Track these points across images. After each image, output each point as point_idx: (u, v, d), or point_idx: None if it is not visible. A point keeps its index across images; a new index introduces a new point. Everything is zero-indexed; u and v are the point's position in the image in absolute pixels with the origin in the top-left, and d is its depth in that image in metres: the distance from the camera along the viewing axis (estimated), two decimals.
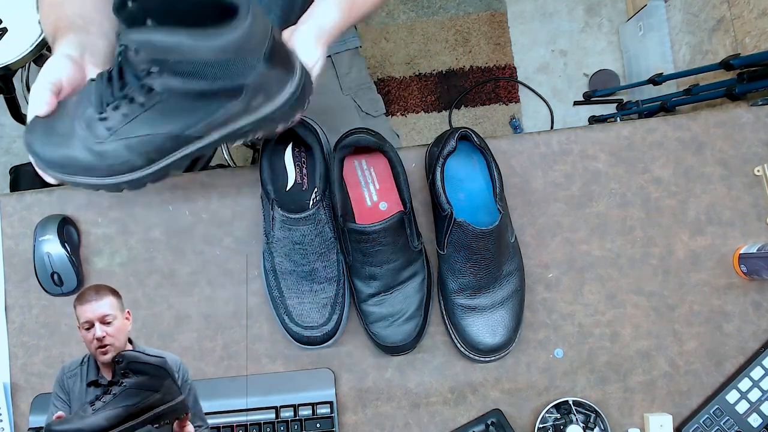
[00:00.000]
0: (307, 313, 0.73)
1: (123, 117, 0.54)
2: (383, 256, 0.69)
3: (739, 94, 1.27)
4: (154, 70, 0.50)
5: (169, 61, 0.50)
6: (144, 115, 0.54)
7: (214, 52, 0.50)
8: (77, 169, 0.56)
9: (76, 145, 0.55)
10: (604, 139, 0.80)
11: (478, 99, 1.84)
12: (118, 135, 0.54)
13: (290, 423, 0.74)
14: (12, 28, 1.26)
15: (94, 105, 0.54)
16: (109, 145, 0.55)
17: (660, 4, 1.67)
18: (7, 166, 1.77)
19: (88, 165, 0.55)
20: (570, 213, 0.79)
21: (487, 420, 0.74)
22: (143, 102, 0.53)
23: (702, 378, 0.75)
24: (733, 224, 0.78)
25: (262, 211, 0.74)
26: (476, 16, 1.87)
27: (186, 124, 0.54)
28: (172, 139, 0.55)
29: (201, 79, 0.51)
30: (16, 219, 0.81)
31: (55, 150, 0.56)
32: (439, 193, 0.69)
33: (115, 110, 0.54)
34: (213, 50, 0.50)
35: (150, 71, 0.51)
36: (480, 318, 0.72)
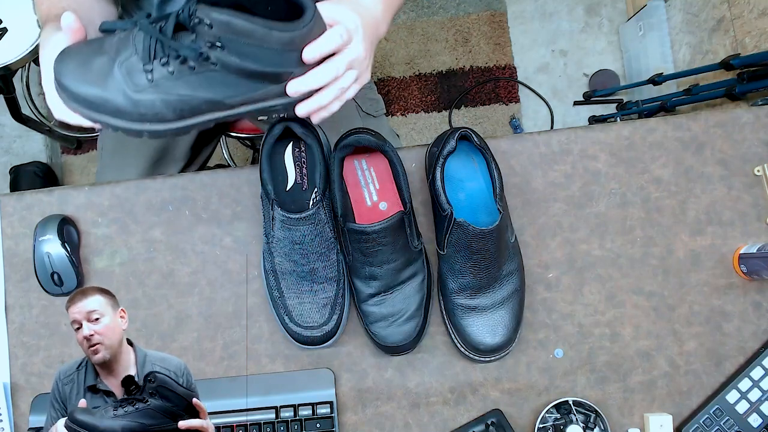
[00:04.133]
0: (307, 313, 0.73)
1: (169, 74, 0.56)
2: (383, 256, 0.69)
3: (739, 94, 1.27)
4: (218, 44, 0.54)
5: (238, 41, 0.54)
6: (191, 77, 0.56)
7: (280, 43, 0.55)
8: (106, 110, 0.57)
9: (111, 87, 0.56)
10: (604, 139, 0.80)
11: (478, 99, 1.84)
12: (159, 89, 0.56)
13: (290, 423, 0.74)
14: (12, 28, 1.26)
15: (140, 54, 0.56)
16: (147, 95, 0.56)
17: (660, 4, 1.67)
18: (7, 166, 1.77)
19: (119, 108, 0.57)
20: (570, 213, 0.79)
21: (487, 420, 0.74)
22: (194, 66, 0.55)
23: (702, 378, 0.75)
24: (733, 224, 0.78)
25: (262, 211, 0.74)
26: (476, 16, 1.87)
27: (226, 95, 0.57)
28: (209, 103, 0.57)
29: (257, 62, 0.55)
30: (16, 219, 0.81)
31: (89, 88, 0.56)
32: (439, 193, 0.69)
33: (163, 66, 0.55)
34: (280, 41, 0.55)
35: (215, 44, 0.54)
36: (480, 318, 0.72)
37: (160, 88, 0.56)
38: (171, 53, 0.55)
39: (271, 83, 0.58)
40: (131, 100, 0.56)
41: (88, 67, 0.56)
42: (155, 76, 0.56)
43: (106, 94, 0.56)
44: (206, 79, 0.56)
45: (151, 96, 0.56)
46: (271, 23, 0.54)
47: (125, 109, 0.56)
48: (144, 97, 0.56)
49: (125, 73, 0.56)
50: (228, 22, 0.53)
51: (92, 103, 0.56)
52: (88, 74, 0.56)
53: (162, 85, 0.56)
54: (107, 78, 0.56)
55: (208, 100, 0.57)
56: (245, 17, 0.53)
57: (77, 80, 0.56)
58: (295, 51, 0.56)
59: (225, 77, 0.56)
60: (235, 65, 0.55)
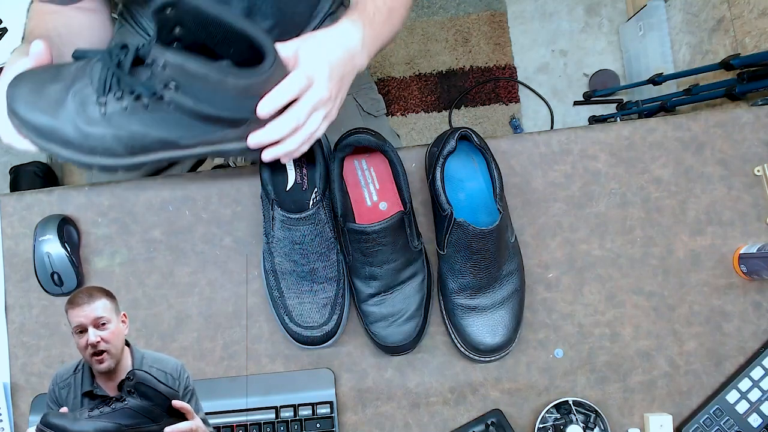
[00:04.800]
0: (307, 313, 0.73)
1: (122, 109, 0.54)
2: (383, 256, 0.69)
3: (739, 94, 1.27)
4: (172, 86, 0.52)
5: (192, 84, 0.52)
6: (144, 114, 0.54)
7: (236, 90, 0.53)
8: (56, 140, 0.55)
9: (62, 117, 0.55)
10: (604, 139, 0.80)
11: (478, 99, 1.84)
12: (111, 123, 0.54)
13: (290, 423, 0.74)
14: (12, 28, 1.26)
15: (95, 87, 0.54)
16: (98, 129, 0.55)
17: (660, 4, 1.67)
18: (7, 166, 1.77)
19: (68, 139, 0.55)
20: (570, 213, 0.79)
21: (487, 420, 0.74)
22: (147, 104, 0.54)
23: (702, 378, 0.75)
24: (733, 224, 0.78)
25: (262, 211, 0.74)
26: (476, 16, 1.87)
27: (180, 135, 0.55)
28: (162, 142, 0.56)
29: (212, 106, 0.53)
30: (16, 219, 0.81)
31: (40, 116, 0.55)
32: (439, 193, 0.69)
33: (117, 101, 0.54)
34: (236, 88, 0.52)
35: (167, 85, 0.52)
36: (480, 318, 0.72)
37: (112, 122, 0.54)
38: (126, 88, 0.54)
39: (228, 127, 0.56)
40: (82, 132, 0.55)
41: (41, 93, 0.55)
42: (108, 110, 0.54)
43: (57, 123, 0.55)
44: (160, 118, 0.54)
45: (103, 130, 0.55)
46: (228, 69, 0.52)
47: (74, 140, 0.55)
48: (95, 131, 0.55)
49: (78, 104, 0.54)
50: (182, 65, 0.51)
51: (42, 132, 0.55)
52: (40, 101, 0.55)
53: (114, 120, 0.54)
54: (59, 107, 0.55)
55: (161, 139, 0.55)
56: (200, 62, 0.51)
57: (29, 106, 0.55)
58: (252, 98, 0.54)
59: (179, 118, 0.54)
60: (189, 107, 0.53)
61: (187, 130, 0.55)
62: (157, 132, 0.55)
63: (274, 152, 0.59)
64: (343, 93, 0.63)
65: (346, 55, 0.61)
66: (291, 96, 0.56)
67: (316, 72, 0.58)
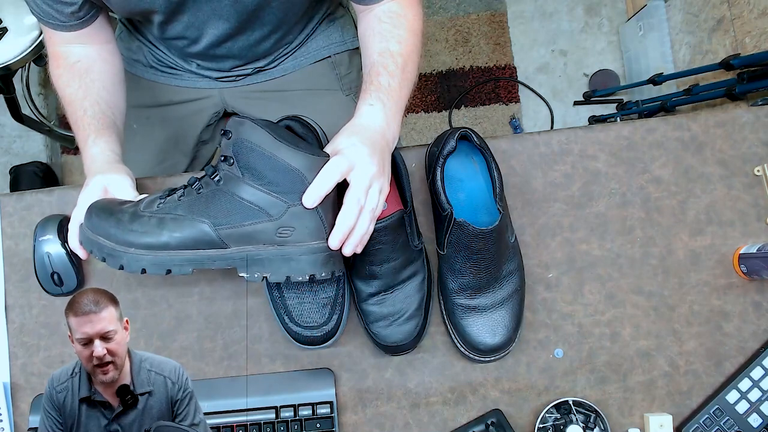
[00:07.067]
0: (307, 313, 0.73)
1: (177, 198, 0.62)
2: (383, 254, 0.69)
3: (739, 94, 1.27)
4: (231, 156, 0.59)
5: (249, 153, 0.58)
6: (193, 197, 0.61)
7: (288, 161, 0.57)
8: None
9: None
10: (604, 139, 0.80)
11: (478, 99, 1.84)
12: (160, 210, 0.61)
13: (290, 423, 0.74)
14: (12, 28, 1.26)
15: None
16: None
17: (660, 4, 1.67)
18: (7, 166, 1.77)
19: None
20: (570, 213, 0.79)
21: (487, 420, 0.74)
22: (200, 188, 0.61)
23: (702, 378, 0.75)
24: (733, 224, 0.78)
25: None
26: (476, 16, 1.87)
27: (216, 220, 0.59)
28: (199, 233, 0.60)
29: (257, 179, 0.58)
30: (16, 219, 0.81)
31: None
32: (439, 193, 0.69)
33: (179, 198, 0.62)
34: (289, 158, 0.57)
35: (227, 156, 0.59)
36: (480, 318, 0.72)
37: (160, 209, 0.62)
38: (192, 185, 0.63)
39: (264, 215, 0.59)
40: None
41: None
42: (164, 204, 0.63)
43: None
44: (204, 198, 0.61)
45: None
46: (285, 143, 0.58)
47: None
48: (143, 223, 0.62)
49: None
50: (249, 131, 0.58)
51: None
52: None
53: (164, 207, 0.62)
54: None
55: (196, 223, 0.60)
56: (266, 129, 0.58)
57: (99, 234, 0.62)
58: (299, 177, 0.58)
59: (221, 198, 0.60)
60: (236, 178, 0.59)
61: (224, 212, 0.60)
62: (197, 213, 0.60)
63: (352, 242, 0.61)
64: (388, 169, 0.65)
65: (377, 135, 0.64)
66: (334, 179, 0.59)
67: (356, 153, 0.60)
